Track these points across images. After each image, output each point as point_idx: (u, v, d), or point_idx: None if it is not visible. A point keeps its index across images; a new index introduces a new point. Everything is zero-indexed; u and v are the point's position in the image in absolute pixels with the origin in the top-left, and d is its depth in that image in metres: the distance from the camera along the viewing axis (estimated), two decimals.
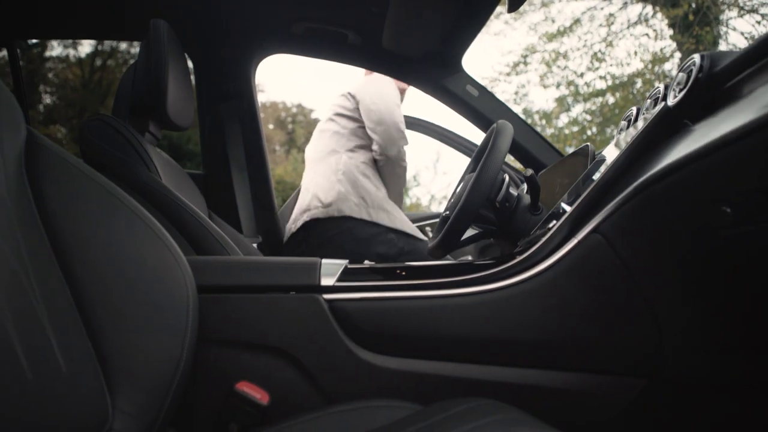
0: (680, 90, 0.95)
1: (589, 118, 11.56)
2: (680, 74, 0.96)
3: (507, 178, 1.33)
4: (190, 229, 1.11)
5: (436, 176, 18.90)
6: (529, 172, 1.29)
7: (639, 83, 11.07)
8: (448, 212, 1.54)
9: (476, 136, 2.09)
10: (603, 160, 1.22)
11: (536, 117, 12.06)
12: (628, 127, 1.18)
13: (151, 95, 1.27)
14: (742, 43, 10.75)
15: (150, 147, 1.27)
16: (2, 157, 0.73)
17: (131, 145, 1.21)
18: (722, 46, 10.63)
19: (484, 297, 0.88)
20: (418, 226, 2.37)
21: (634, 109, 1.19)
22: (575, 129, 11.70)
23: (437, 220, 2.38)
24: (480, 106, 1.82)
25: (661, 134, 0.96)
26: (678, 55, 11.06)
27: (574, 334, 0.87)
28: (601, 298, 0.87)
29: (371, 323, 0.88)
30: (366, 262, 1.10)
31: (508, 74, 11.75)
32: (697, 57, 0.94)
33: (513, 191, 1.34)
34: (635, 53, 11.34)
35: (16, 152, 0.77)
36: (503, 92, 11.91)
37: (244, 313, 0.88)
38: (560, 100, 11.78)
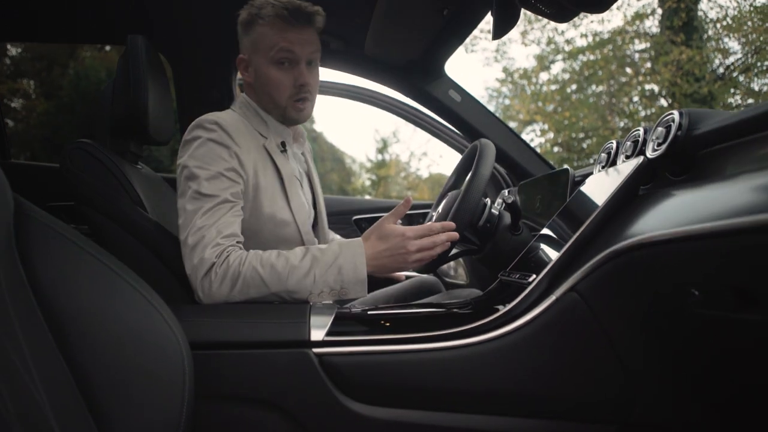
0: (659, 143, 0.98)
1: (568, 76, 11.54)
2: (659, 129, 0.99)
3: (488, 201, 1.36)
4: (182, 269, 1.13)
5: (415, 132, 18.87)
6: (510, 198, 1.32)
7: (619, 40, 11.04)
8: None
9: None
10: (582, 183, 1.26)
11: (516, 76, 12.01)
12: (607, 162, 1.21)
13: (131, 116, 1.25)
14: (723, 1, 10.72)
15: (130, 169, 1.26)
16: None
17: (113, 175, 1.20)
18: (703, 4, 10.60)
19: (468, 350, 0.93)
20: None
21: (614, 143, 1.22)
22: (555, 87, 11.71)
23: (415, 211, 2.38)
24: (462, 111, 1.82)
25: (639, 186, 0.99)
26: (659, 11, 11.02)
27: (552, 385, 0.92)
28: (577, 352, 0.92)
29: (361, 376, 0.92)
30: (354, 304, 1.13)
31: (490, 31, 11.59)
32: (676, 114, 0.96)
33: (494, 211, 1.38)
34: (617, 8, 11.25)
35: (4, 227, 0.76)
36: (484, 50, 11.81)
37: (237, 369, 0.91)
38: (540, 58, 11.74)
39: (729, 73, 10.41)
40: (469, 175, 1.26)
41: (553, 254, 1.03)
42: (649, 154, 0.99)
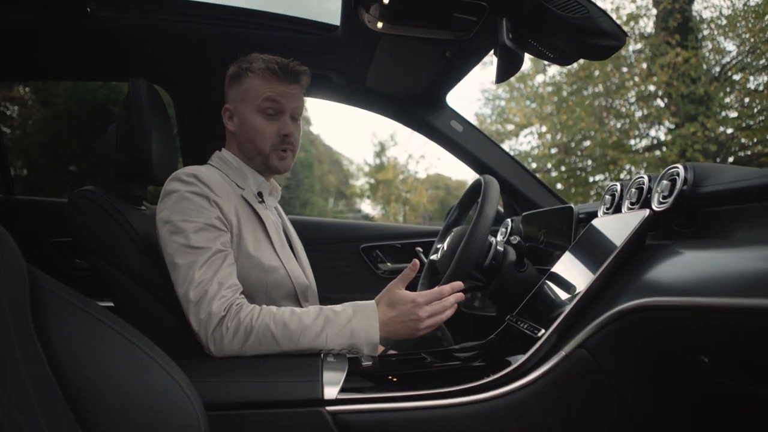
0: (664, 196, 0.99)
1: (564, 78, 11.57)
2: (664, 182, 1.00)
3: (494, 240, 1.37)
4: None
5: (412, 135, 18.89)
6: (516, 239, 1.33)
7: None
8: (434, 258, 1.58)
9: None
10: (586, 222, 1.27)
11: (513, 79, 12.01)
12: (612, 204, 1.22)
13: (135, 161, 1.25)
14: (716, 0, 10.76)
15: (135, 214, 1.25)
16: (9, 315, 0.74)
17: (118, 223, 1.19)
18: (697, 4, 10.64)
19: (481, 406, 0.94)
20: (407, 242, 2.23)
21: (618, 186, 1.23)
22: (550, 89, 11.75)
23: (428, 239, 2.34)
24: (464, 141, 1.83)
25: (646, 238, 1.01)
26: (654, 11, 11.05)
27: None
28: (588, 408, 0.93)
29: None
30: (363, 360, 1.12)
31: None
32: (681, 168, 0.98)
33: (500, 248, 1.39)
34: (612, 9, 11.28)
35: (20, 300, 0.77)
36: None
37: (252, 430, 0.92)
38: (536, 61, 11.76)
39: (725, 72, 10.46)
40: (475, 216, 1.27)
41: (561, 301, 1.04)
42: (655, 206, 1.01)
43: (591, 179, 11.79)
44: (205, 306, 1.05)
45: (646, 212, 1.00)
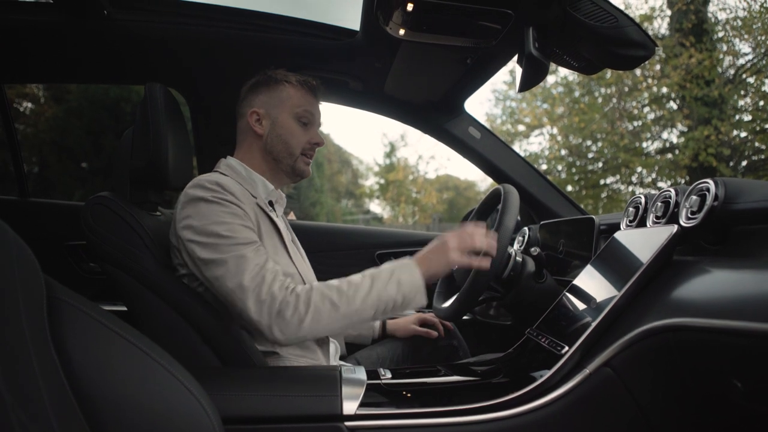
0: (693, 212, 0.97)
1: (576, 79, 11.49)
2: (693, 197, 0.98)
3: (513, 252, 1.35)
4: (205, 328, 1.12)
5: (423, 135, 18.85)
6: (536, 251, 1.31)
7: None
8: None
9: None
10: (608, 234, 1.25)
11: None
12: (635, 217, 1.19)
13: (151, 167, 1.24)
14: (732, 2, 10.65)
15: (150, 220, 1.24)
16: (27, 327, 0.73)
17: (134, 231, 1.17)
18: (712, 6, 10.53)
19: (503, 423, 0.92)
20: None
21: (642, 198, 1.20)
22: (561, 90, 11.69)
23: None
24: (482, 148, 1.81)
25: (673, 254, 0.98)
26: (668, 12, 10.96)
27: None
28: (612, 428, 0.91)
29: None
30: (381, 372, 1.12)
31: None
32: (711, 183, 0.95)
33: (519, 258, 1.37)
34: (625, 8, 11.21)
35: (38, 312, 0.76)
36: None
37: None
38: None
39: (739, 75, 10.34)
40: (495, 227, 1.25)
41: (584, 317, 1.02)
42: (683, 222, 0.98)
43: (602, 182, 11.71)
44: (266, 289, 1.06)
45: (675, 228, 0.97)
